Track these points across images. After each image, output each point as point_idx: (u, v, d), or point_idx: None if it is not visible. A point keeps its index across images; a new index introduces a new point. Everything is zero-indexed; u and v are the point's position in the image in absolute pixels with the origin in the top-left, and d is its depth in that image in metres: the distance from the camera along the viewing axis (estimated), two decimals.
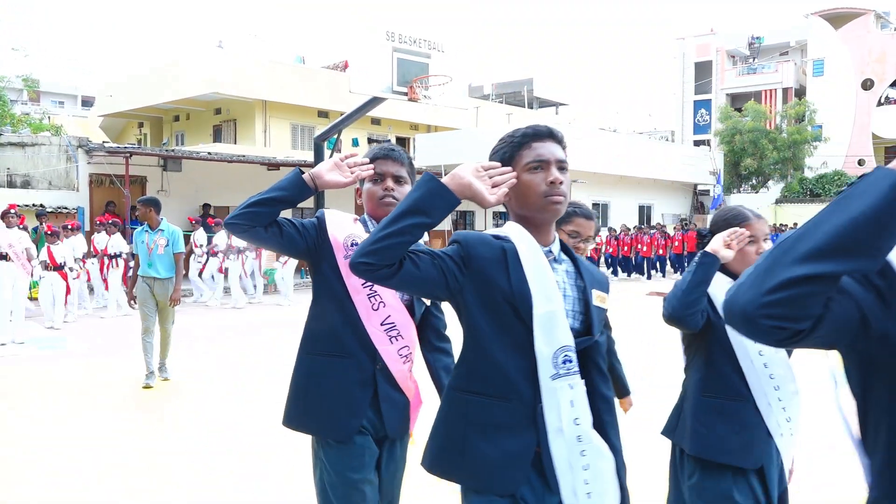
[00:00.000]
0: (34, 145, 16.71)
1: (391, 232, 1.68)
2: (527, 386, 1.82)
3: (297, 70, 29.76)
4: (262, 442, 5.24)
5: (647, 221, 29.87)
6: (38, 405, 6.30)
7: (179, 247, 7.01)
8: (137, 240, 7.01)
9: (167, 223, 7.09)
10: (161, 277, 6.89)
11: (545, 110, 46.44)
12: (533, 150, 1.91)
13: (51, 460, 4.83)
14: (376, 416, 2.40)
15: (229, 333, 10.25)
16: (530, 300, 1.81)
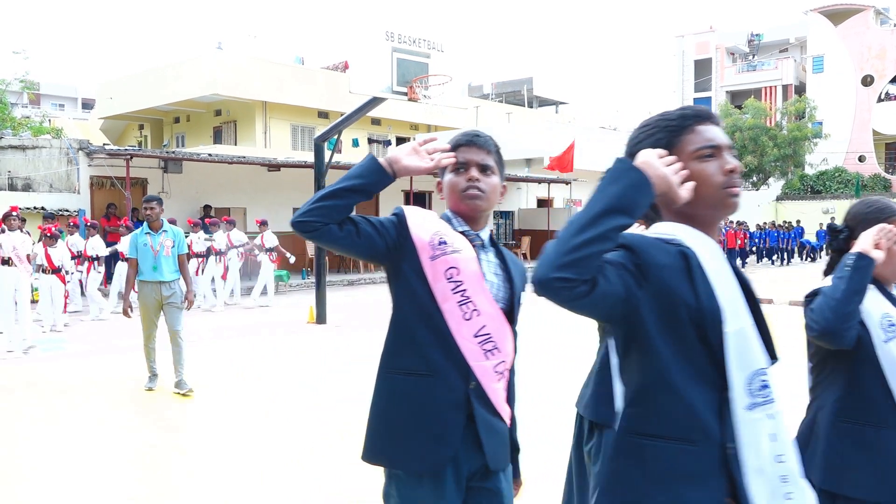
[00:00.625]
0: (35, 148, 16.72)
1: (593, 237, 1.39)
2: (715, 422, 1.51)
3: (296, 71, 29.77)
4: (260, 440, 5.24)
5: None
6: (38, 406, 6.30)
7: (184, 247, 6.78)
8: (138, 242, 6.60)
9: (168, 224, 6.87)
10: (167, 280, 6.58)
11: (545, 109, 46.43)
12: (700, 135, 1.63)
13: (51, 461, 4.84)
14: (472, 445, 2.02)
15: (228, 334, 10.25)
16: (720, 316, 1.50)
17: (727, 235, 22.01)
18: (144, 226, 6.71)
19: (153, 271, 6.53)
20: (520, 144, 25.74)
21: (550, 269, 1.39)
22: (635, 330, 1.53)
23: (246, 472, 4.64)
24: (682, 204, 1.55)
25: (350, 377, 7.39)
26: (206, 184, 17.49)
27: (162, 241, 6.58)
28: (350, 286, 17.28)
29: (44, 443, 5.25)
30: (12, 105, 26.57)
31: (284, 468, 4.73)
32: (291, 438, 5.36)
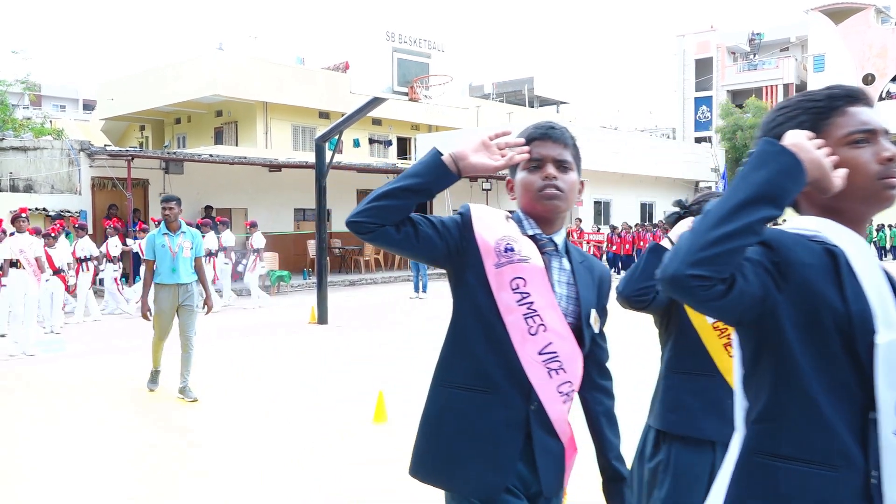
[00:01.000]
0: (36, 149, 16.74)
1: (735, 230, 1.24)
2: (857, 447, 1.32)
3: (297, 71, 29.80)
4: (260, 440, 5.24)
5: (649, 219, 29.84)
6: (38, 406, 6.31)
7: (202, 249, 6.64)
8: (156, 244, 6.41)
9: (186, 225, 6.66)
10: (185, 283, 6.41)
11: (546, 109, 46.44)
12: (852, 117, 1.44)
13: (51, 461, 4.84)
14: (528, 469, 1.88)
15: (229, 335, 10.25)
16: (872, 325, 1.31)
17: None
18: (162, 226, 6.52)
19: (171, 273, 6.35)
20: None
21: (685, 265, 1.24)
22: (770, 336, 1.35)
23: (246, 472, 4.64)
24: (830, 196, 1.38)
25: (351, 377, 7.39)
26: (208, 184, 17.50)
27: (180, 242, 6.42)
28: (351, 286, 17.28)
29: (44, 443, 5.26)
30: (13, 106, 26.61)
31: (285, 468, 4.73)
32: (292, 438, 5.36)
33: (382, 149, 33.22)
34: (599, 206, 28.74)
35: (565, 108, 48.96)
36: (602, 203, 28.85)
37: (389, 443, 5.25)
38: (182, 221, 6.61)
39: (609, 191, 28.80)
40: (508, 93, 45.72)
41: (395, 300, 14.07)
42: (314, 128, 29.94)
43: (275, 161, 17.66)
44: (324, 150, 11.47)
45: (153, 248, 6.41)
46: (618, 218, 27.60)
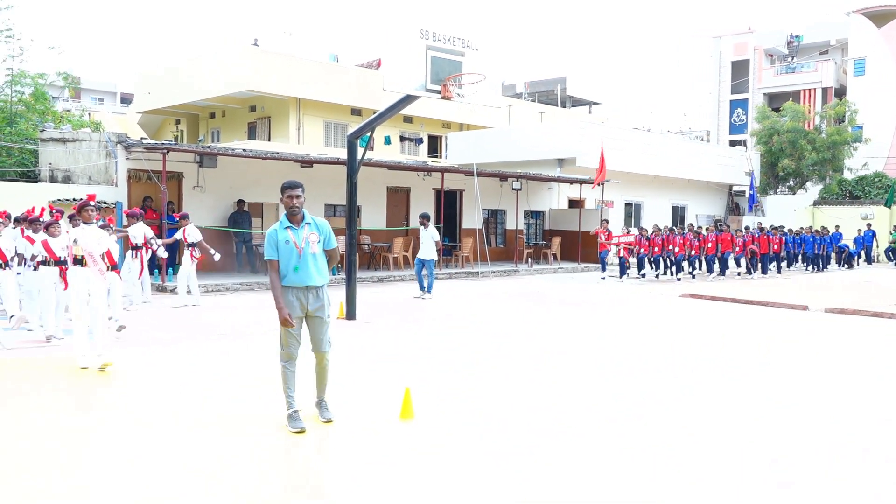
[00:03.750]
0: (75, 141, 17.07)
1: None
2: None
3: (330, 68, 30.01)
4: (286, 435, 5.29)
5: (680, 222, 29.52)
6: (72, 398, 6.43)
7: (333, 241, 5.62)
8: (278, 239, 5.42)
9: (310, 214, 5.62)
10: (316, 285, 5.46)
11: (578, 109, 46.17)
12: None
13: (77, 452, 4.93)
14: None
15: (255, 329, 10.35)
16: None
17: (759, 240, 21.64)
18: (283, 218, 5.53)
19: (295, 273, 5.38)
20: (552, 144, 25.62)
21: None
22: None
23: (271, 466, 4.69)
24: None
25: (378, 374, 7.43)
26: (240, 178, 17.70)
27: (306, 235, 5.44)
28: (380, 283, 17.35)
29: (69, 434, 5.35)
30: (54, 99, 27.18)
31: (311, 463, 4.77)
32: (318, 434, 5.40)
33: (413, 146, 33.32)
34: (630, 207, 28.50)
35: (598, 109, 48.63)
36: (633, 205, 28.60)
37: (416, 439, 5.27)
38: (305, 211, 5.57)
39: (640, 193, 28.55)
40: (540, 92, 45.53)
41: (419, 295, 14.11)
42: (346, 124, 30.14)
43: (306, 157, 17.79)
44: (355, 147, 11.53)
45: (275, 245, 5.42)
46: (649, 220, 27.34)
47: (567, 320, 11.79)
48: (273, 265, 5.45)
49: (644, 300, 14.94)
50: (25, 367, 7.57)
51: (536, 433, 5.45)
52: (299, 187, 5.55)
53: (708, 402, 6.54)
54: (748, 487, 4.43)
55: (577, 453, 5.01)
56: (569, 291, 16.34)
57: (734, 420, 5.93)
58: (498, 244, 24.52)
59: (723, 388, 7.11)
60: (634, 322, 11.80)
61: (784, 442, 5.36)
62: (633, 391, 6.86)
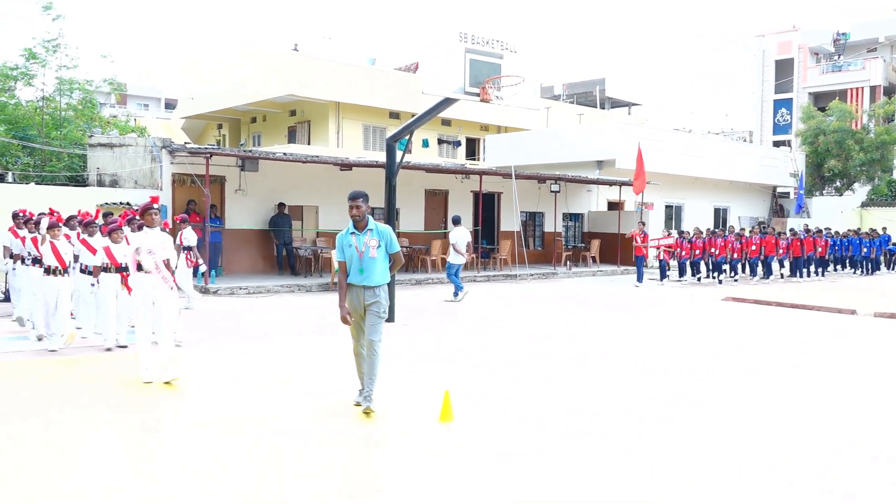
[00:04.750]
0: (121, 146, 17.50)
1: None
2: None
3: (369, 72, 30.26)
4: (326, 438, 5.34)
5: (722, 224, 29.02)
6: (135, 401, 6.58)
7: (395, 246, 6.13)
8: (344, 244, 6.06)
9: (373, 220, 6.14)
10: (372, 285, 6.01)
11: (617, 110, 45.74)
12: None
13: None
14: None
15: (294, 330, 10.46)
16: None
17: (805, 242, 21.15)
18: (350, 225, 6.12)
19: (359, 275, 6.00)
20: (591, 146, 25.42)
21: None
22: None
23: (311, 468, 4.74)
24: None
25: (417, 376, 7.45)
26: (281, 182, 17.93)
27: (367, 241, 6.00)
28: (418, 285, 17.42)
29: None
30: (101, 105, 27.91)
31: (349, 466, 4.81)
32: (357, 436, 5.44)
33: (451, 149, 33.39)
34: (671, 209, 28.12)
35: (637, 110, 48.12)
36: (673, 207, 28.21)
37: (455, 442, 5.28)
38: (370, 218, 6.13)
39: (681, 194, 28.15)
40: (579, 94, 45.23)
41: (450, 298, 14.11)
42: (384, 127, 30.34)
43: (346, 160, 17.95)
44: (394, 150, 11.59)
45: (342, 248, 6.09)
46: (690, 222, 26.93)
47: (606, 323, 11.68)
48: (341, 266, 6.08)
49: (685, 303, 14.72)
50: (82, 371, 7.76)
51: (570, 435, 5.41)
52: (360, 197, 6.04)
53: (741, 405, 6.42)
54: (763, 490, 4.34)
55: (606, 455, 4.96)
56: (608, 294, 16.18)
57: (762, 423, 5.81)
58: (536, 247, 24.41)
59: (760, 392, 6.97)
60: (674, 325, 11.64)
61: (812, 446, 5.24)
62: (667, 393, 6.78)
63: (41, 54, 22.62)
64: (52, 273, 8.57)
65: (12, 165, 23.11)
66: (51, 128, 23.21)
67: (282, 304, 13.39)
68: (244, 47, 31.71)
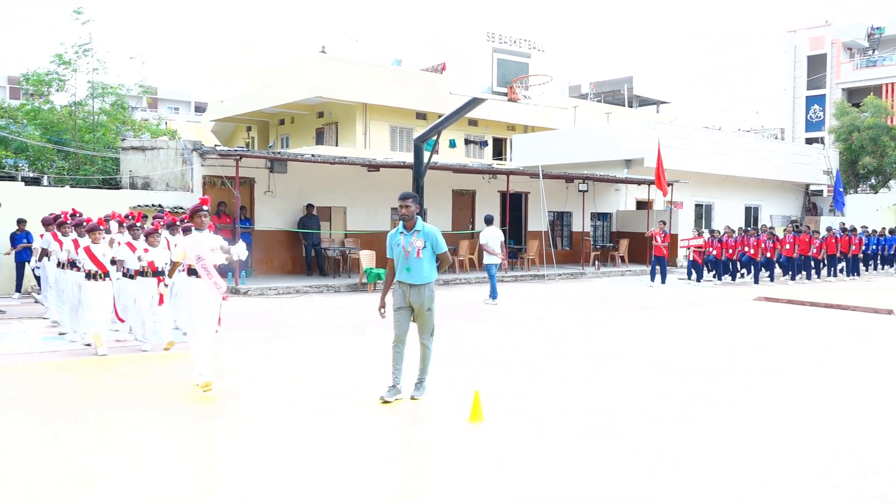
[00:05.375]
0: (153, 149, 17.78)
1: None
2: None
3: (395, 73, 30.34)
4: (351, 437, 5.36)
5: (753, 223, 28.61)
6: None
7: (441, 246, 6.38)
8: (392, 242, 6.42)
9: (422, 222, 6.42)
10: (417, 283, 6.29)
11: (645, 109, 45.33)
12: None
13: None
14: None
15: (319, 330, 10.52)
16: None
17: (841, 241, 20.76)
18: (399, 225, 6.45)
19: (405, 273, 6.31)
20: (619, 145, 25.22)
21: None
22: None
23: (338, 470, 4.76)
24: None
25: (446, 376, 7.45)
26: (309, 183, 18.05)
27: (413, 241, 6.28)
28: (445, 286, 17.42)
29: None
30: (132, 109, 28.39)
31: (379, 467, 4.82)
32: (386, 437, 5.46)
33: (478, 149, 33.35)
34: (700, 208, 27.79)
35: (665, 108, 47.64)
36: (703, 206, 27.88)
37: (485, 442, 5.27)
38: (418, 218, 6.40)
39: (711, 193, 27.81)
40: (606, 93, 44.91)
41: (487, 299, 14.09)
42: (411, 128, 30.41)
43: (373, 161, 18.02)
44: (422, 151, 11.63)
45: (390, 246, 6.45)
46: (720, 221, 26.59)
47: (634, 323, 11.58)
48: (389, 263, 6.50)
49: (717, 304, 14.53)
50: (122, 372, 7.89)
51: (597, 435, 5.37)
52: (410, 198, 6.34)
53: (761, 406, 6.32)
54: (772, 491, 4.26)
55: (636, 458, 4.92)
56: (637, 295, 16.04)
57: (777, 424, 5.71)
58: (564, 247, 24.29)
59: (789, 393, 6.86)
60: (704, 325, 11.50)
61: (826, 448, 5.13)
62: (691, 393, 6.70)
63: (72, 59, 23.06)
64: (93, 277, 8.45)
65: (48, 169, 23.61)
66: (84, 132, 23.65)
67: (311, 304, 13.48)
68: (272, 50, 32.01)
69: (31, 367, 7.81)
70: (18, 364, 7.95)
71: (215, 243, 6.90)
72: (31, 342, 9.25)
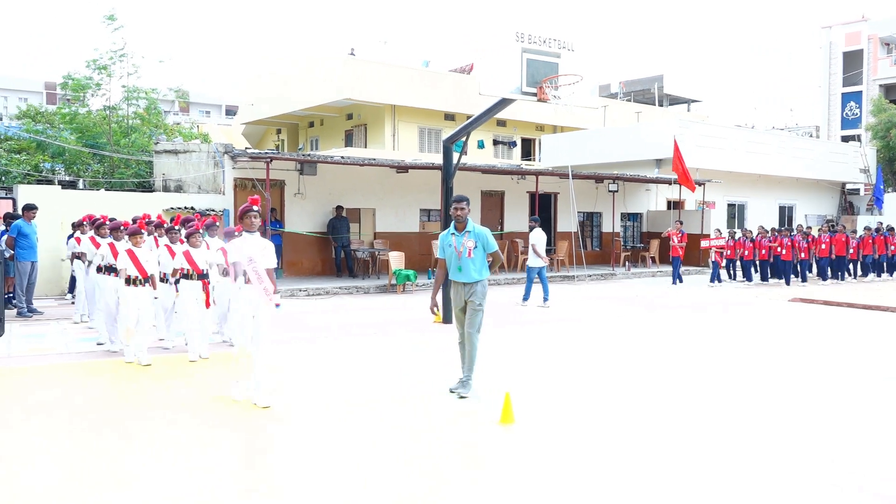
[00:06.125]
0: (185, 152, 18.03)
1: None
2: None
3: (424, 74, 30.38)
4: (382, 440, 5.36)
5: (788, 223, 28.12)
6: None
7: (492, 246, 6.65)
8: (444, 243, 6.70)
9: (473, 223, 6.69)
10: (469, 282, 6.57)
11: (676, 108, 44.83)
12: None
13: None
14: None
15: (350, 331, 10.55)
16: None
17: (877, 241, 20.30)
18: (451, 226, 6.71)
19: (457, 272, 6.60)
20: (649, 144, 24.98)
21: None
22: None
23: (369, 474, 4.77)
24: None
25: (476, 378, 7.43)
26: (339, 185, 18.16)
27: (465, 242, 6.55)
28: None
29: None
30: (165, 113, 28.82)
31: (409, 469, 4.82)
32: (417, 440, 5.46)
33: (507, 150, 33.26)
34: (733, 208, 27.40)
35: (696, 107, 47.06)
36: (736, 205, 27.48)
37: (517, 445, 5.24)
38: (470, 220, 6.67)
39: (744, 193, 27.40)
40: (636, 91, 44.51)
41: (519, 301, 14.03)
42: (440, 129, 30.43)
43: (402, 162, 18.07)
44: (451, 152, 11.61)
45: (442, 247, 6.72)
46: (754, 221, 26.18)
47: (663, 325, 11.45)
48: (440, 263, 6.78)
49: (752, 305, 14.31)
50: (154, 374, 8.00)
51: (630, 440, 5.31)
52: (464, 201, 6.64)
53: (817, 416, 6.19)
54: None
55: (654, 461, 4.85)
56: (668, 296, 15.86)
57: (842, 439, 5.59)
58: (594, 247, 24.11)
59: (846, 402, 6.71)
60: (743, 328, 11.32)
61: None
62: (722, 399, 6.59)
63: (107, 64, 23.47)
64: (133, 283, 8.00)
65: (83, 173, 24.07)
66: (119, 136, 24.05)
67: (343, 306, 13.55)
68: (301, 53, 32.24)
69: (68, 368, 7.95)
70: (56, 364, 8.10)
71: (266, 246, 6.46)
72: (69, 343, 9.42)
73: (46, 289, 14.26)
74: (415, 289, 16.34)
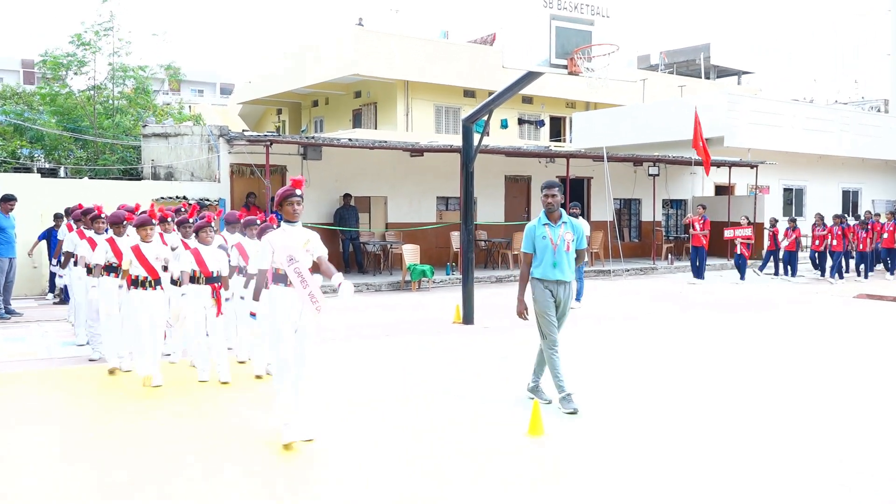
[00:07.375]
0: (176, 136, 18.11)
1: None
2: None
3: (440, 47, 30.32)
4: (401, 451, 5.38)
5: (853, 209, 27.80)
6: None
7: (584, 242, 6.56)
8: (536, 235, 6.41)
9: (566, 213, 6.54)
10: (566, 280, 6.41)
11: (725, 80, 44.43)
12: None
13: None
14: None
15: (369, 332, 10.58)
16: None
17: None
18: (542, 216, 6.48)
19: (552, 269, 6.34)
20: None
21: None
22: None
23: (386, 488, 4.78)
24: None
25: (501, 385, 7.42)
26: (346, 171, 18.18)
27: (562, 234, 6.35)
28: (498, 283, 17.37)
29: None
30: (154, 92, 29.02)
31: (430, 486, 4.83)
32: (437, 454, 5.46)
33: (533, 130, 33.14)
34: (790, 193, 27.15)
35: (748, 79, 46.62)
36: (794, 190, 27.22)
37: (547, 459, 5.23)
38: (562, 210, 6.50)
39: (802, 176, 27.13)
40: (679, 63, 44.21)
41: None
42: (458, 108, 30.39)
43: (416, 145, 18.05)
44: (471, 133, 11.57)
45: (532, 240, 6.43)
46: (813, 207, 25.90)
47: (710, 326, 11.37)
48: (527, 258, 6.49)
49: (813, 303, 14.17)
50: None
51: (659, 452, 5.28)
52: (556, 187, 6.42)
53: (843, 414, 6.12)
54: None
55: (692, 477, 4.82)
56: (714, 292, 15.74)
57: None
58: (632, 238, 23.99)
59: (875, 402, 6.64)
60: (810, 328, 11.21)
61: None
62: (782, 413, 6.53)
63: (92, 40, 23.65)
64: (140, 285, 7.34)
65: (65, 159, 24.31)
66: (102, 118, 24.24)
67: (350, 304, 13.58)
68: (304, 24, 32.30)
69: (50, 375, 8.04)
70: (36, 371, 8.19)
71: (312, 239, 5.84)
72: (50, 347, 9.53)
73: (26, 288, 14.43)
74: (431, 286, 16.35)
